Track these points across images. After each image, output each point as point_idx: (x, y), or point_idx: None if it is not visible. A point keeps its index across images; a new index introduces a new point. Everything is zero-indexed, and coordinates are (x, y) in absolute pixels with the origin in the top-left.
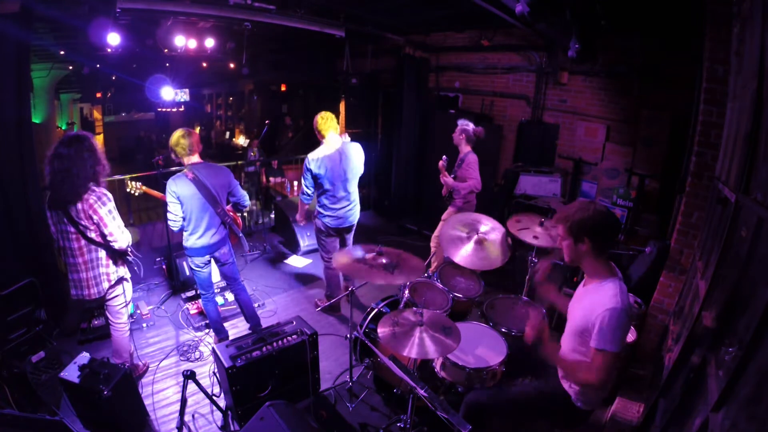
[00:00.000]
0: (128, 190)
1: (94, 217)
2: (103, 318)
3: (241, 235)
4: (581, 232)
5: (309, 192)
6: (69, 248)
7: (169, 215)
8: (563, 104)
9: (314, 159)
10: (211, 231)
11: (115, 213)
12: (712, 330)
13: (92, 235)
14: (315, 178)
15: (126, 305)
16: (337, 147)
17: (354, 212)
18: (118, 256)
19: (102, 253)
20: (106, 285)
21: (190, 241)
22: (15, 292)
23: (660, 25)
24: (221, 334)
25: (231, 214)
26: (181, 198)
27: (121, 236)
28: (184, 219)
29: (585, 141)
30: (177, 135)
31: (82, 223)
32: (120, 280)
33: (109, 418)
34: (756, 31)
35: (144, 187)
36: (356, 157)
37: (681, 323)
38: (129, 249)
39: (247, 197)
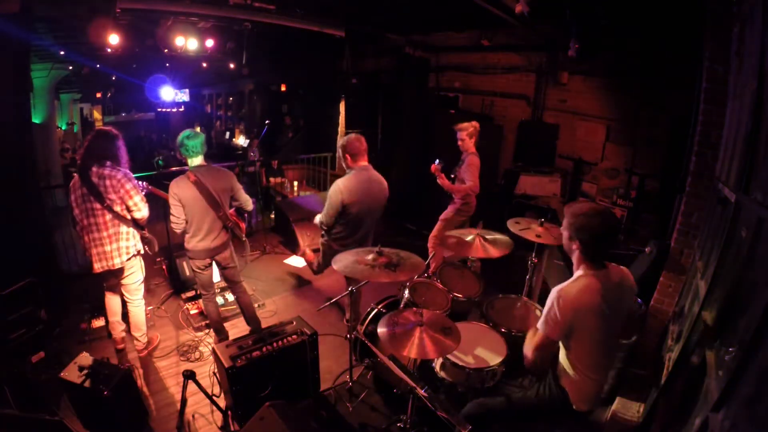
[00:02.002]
0: None
1: (121, 190)
2: (103, 318)
3: (244, 239)
4: (577, 233)
5: (331, 223)
6: (95, 224)
7: (171, 217)
8: (563, 104)
9: (346, 188)
10: (213, 234)
11: (138, 189)
12: (712, 330)
13: (117, 208)
14: (343, 208)
15: (141, 282)
16: (369, 176)
17: None
18: (137, 228)
19: (123, 228)
20: (125, 257)
21: (192, 243)
22: (15, 292)
23: (660, 25)
24: (221, 334)
25: (233, 218)
26: (182, 200)
27: (144, 207)
28: (186, 221)
29: (585, 141)
30: (182, 136)
31: (110, 197)
32: (137, 254)
33: (109, 418)
34: (756, 31)
35: (150, 187)
36: (383, 189)
37: (681, 323)
38: (144, 224)
39: (250, 201)
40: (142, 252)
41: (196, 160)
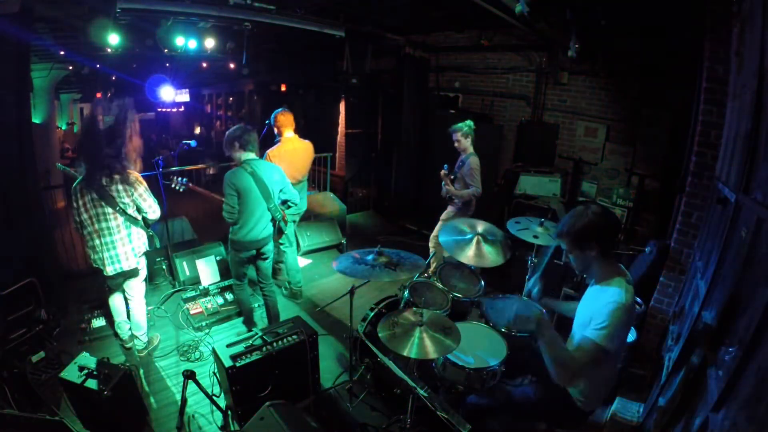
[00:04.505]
0: (173, 186)
1: (135, 193)
2: (103, 318)
3: (287, 231)
4: (587, 238)
5: None
6: (106, 228)
7: (225, 207)
8: (563, 104)
9: (276, 155)
10: (261, 225)
11: (150, 191)
12: (712, 330)
13: (130, 210)
14: None
15: (144, 279)
16: (294, 144)
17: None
18: (141, 232)
19: (132, 230)
20: (136, 257)
21: (240, 234)
22: (15, 292)
23: (660, 25)
24: (251, 324)
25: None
26: (239, 190)
27: (158, 208)
28: (239, 211)
29: (585, 141)
30: (240, 130)
31: (124, 200)
32: (144, 254)
33: (109, 418)
34: (756, 31)
35: (190, 184)
36: (308, 154)
37: (681, 323)
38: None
39: (297, 195)
40: (146, 249)
41: (252, 154)
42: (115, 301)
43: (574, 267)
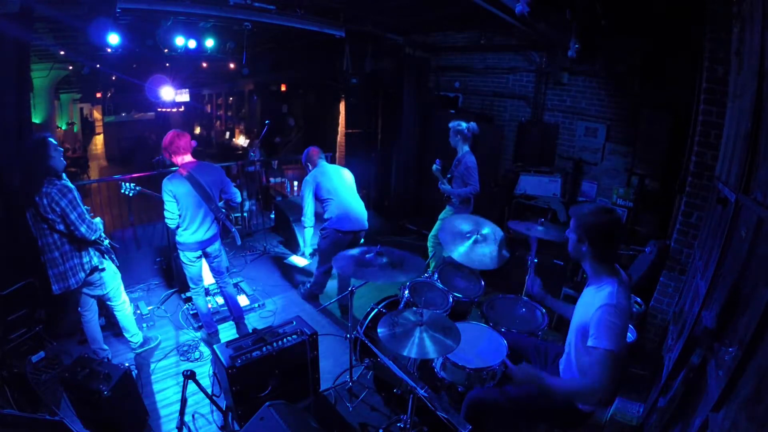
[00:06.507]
0: (122, 191)
1: (57, 208)
2: (103, 318)
3: (233, 230)
4: (585, 234)
5: (311, 212)
6: (46, 244)
7: (166, 213)
8: (563, 104)
9: (312, 176)
10: (205, 227)
11: (77, 203)
12: (712, 330)
13: (61, 227)
14: (316, 192)
15: (111, 290)
16: (328, 166)
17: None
18: (86, 245)
19: (77, 245)
20: (82, 275)
21: (184, 236)
22: (15, 292)
23: (660, 25)
24: (211, 329)
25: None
26: (177, 196)
27: (82, 225)
28: (180, 216)
29: (585, 141)
30: (171, 136)
31: (50, 216)
32: (93, 269)
33: (109, 418)
34: (756, 31)
35: (139, 188)
36: (346, 173)
37: (681, 323)
38: (98, 238)
39: (238, 193)
40: (101, 267)
41: (186, 158)
42: (88, 325)
43: (568, 246)
